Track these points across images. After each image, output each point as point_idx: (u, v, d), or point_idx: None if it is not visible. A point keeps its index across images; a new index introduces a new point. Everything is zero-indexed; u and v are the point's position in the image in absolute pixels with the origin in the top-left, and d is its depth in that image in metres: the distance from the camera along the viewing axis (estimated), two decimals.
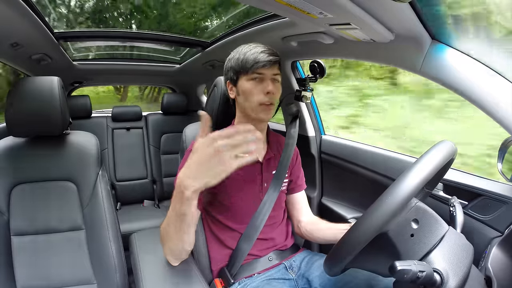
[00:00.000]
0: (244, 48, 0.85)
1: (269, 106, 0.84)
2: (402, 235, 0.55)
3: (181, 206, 0.59)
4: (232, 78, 0.87)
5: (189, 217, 0.62)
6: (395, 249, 0.55)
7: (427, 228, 0.56)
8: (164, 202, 2.22)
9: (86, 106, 2.17)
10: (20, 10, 0.92)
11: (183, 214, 0.61)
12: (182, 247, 0.72)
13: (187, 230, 0.67)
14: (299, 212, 1.01)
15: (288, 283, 0.87)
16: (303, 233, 0.99)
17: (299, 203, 1.02)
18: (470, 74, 0.74)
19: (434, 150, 0.55)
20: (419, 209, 0.57)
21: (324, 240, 0.93)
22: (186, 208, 0.60)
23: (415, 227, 0.55)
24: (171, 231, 0.67)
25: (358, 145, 1.26)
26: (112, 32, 1.76)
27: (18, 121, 0.94)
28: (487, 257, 0.67)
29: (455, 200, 0.68)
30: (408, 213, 0.55)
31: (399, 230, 0.55)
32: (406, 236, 0.55)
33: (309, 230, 0.97)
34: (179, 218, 0.63)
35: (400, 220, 0.55)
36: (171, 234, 0.68)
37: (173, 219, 0.64)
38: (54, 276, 0.93)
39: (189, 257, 0.96)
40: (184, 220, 0.63)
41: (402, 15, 0.68)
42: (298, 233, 1.02)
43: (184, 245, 0.71)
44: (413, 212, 0.56)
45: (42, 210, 0.96)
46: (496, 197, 0.79)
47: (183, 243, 0.71)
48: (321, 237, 0.94)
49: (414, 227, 0.55)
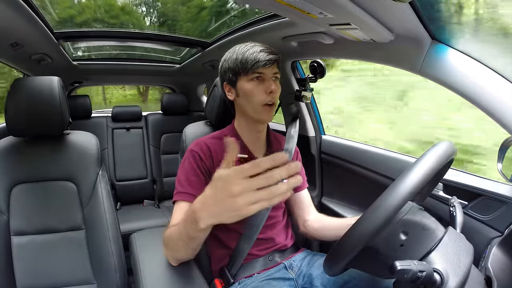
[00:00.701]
0: (241, 48, 0.83)
1: (271, 107, 0.84)
2: (391, 245, 0.55)
3: (193, 232, 0.58)
4: (230, 79, 0.85)
5: (200, 239, 0.63)
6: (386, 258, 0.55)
7: (417, 239, 0.55)
8: (164, 202, 2.22)
9: (86, 106, 2.17)
10: (20, 10, 0.92)
11: (194, 238, 0.61)
12: (186, 257, 0.74)
13: (197, 247, 0.67)
14: (304, 211, 0.99)
15: (288, 283, 0.87)
16: (310, 232, 0.96)
17: (303, 202, 1.00)
18: (470, 74, 0.74)
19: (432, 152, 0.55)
20: (406, 222, 0.56)
21: (334, 237, 0.90)
22: (199, 235, 0.60)
23: (403, 238, 0.55)
24: (178, 244, 0.67)
25: (358, 145, 1.26)
26: (112, 32, 1.76)
27: (18, 121, 0.94)
28: (487, 257, 0.67)
29: (455, 200, 0.68)
30: (395, 226, 0.55)
31: (386, 242, 0.55)
32: (395, 247, 0.55)
33: (316, 228, 0.95)
34: (191, 240, 0.63)
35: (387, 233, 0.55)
36: (178, 247, 0.68)
37: (184, 237, 0.63)
38: (54, 276, 0.93)
39: None
40: (195, 241, 0.63)
41: (402, 15, 0.68)
42: (304, 232, 0.99)
43: (189, 256, 0.73)
44: (399, 226, 0.55)
45: (42, 210, 0.96)
46: (496, 197, 0.79)
47: (189, 255, 0.72)
48: (331, 234, 0.91)
49: (402, 238, 0.55)
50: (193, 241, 0.63)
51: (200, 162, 0.84)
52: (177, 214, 0.78)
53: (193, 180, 0.82)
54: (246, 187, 0.43)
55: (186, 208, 0.78)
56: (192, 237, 0.61)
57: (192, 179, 0.82)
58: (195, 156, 0.84)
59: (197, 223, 0.53)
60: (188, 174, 0.83)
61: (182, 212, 0.77)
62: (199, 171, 0.83)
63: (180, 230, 0.64)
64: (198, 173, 0.83)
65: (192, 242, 0.64)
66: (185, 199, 0.79)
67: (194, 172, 0.83)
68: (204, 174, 0.84)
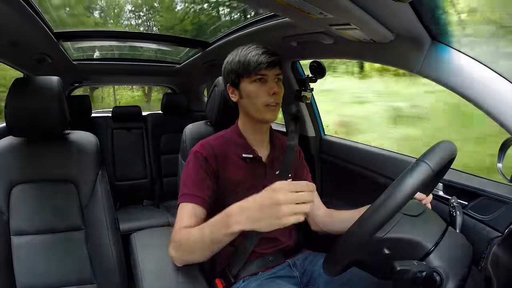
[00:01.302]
0: (243, 50, 0.84)
1: (275, 107, 0.84)
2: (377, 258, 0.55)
3: (221, 236, 0.59)
4: (233, 81, 0.86)
5: (224, 243, 0.63)
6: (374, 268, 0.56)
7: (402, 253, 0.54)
8: (164, 202, 2.22)
9: (86, 106, 2.17)
10: (20, 10, 0.92)
11: (219, 241, 0.61)
12: (200, 260, 0.72)
13: (217, 250, 0.67)
14: (313, 206, 0.99)
15: (293, 281, 0.87)
16: (321, 227, 0.97)
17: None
18: (470, 75, 0.74)
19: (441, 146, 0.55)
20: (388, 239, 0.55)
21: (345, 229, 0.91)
22: (226, 240, 0.60)
23: (387, 252, 0.55)
24: (196, 247, 0.66)
25: (358, 145, 1.26)
26: (112, 32, 1.76)
27: (18, 121, 0.94)
28: (487, 257, 0.67)
29: (455, 200, 0.68)
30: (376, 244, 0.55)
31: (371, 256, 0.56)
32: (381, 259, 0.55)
33: (327, 222, 0.96)
34: (214, 243, 0.63)
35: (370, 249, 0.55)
36: (195, 249, 0.68)
37: (207, 240, 0.63)
38: (54, 276, 0.94)
39: None
40: (218, 244, 0.63)
41: (402, 15, 0.68)
42: (314, 229, 1.00)
43: (204, 258, 0.71)
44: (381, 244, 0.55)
45: (42, 210, 0.96)
46: (496, 197, 0.79)
47: (205, 257, 0.71)
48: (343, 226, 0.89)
49: (386, 252, 0.55)
50: (217, 244, 0.63)
51: (206, 164, 0.84)
52: (185, 216, 0.77)
53: (199, 182, 0.82)
54: (292, 199, 0.51)
55: (193, 210, 0.78)
56: (217, 241, 0.61)
57: (198, 181, 0.82)
58: (200, 158, 0.84)
59: (229, 227, 0.55)
60: (193, 176, 0.83)
61: (191, 214, 0.77)
62: (205, 173, 0.83)
63: (203, 232, 0.63)
64: (204, 175, 0.83)
65: (214, 245, 0.63)
66: (192, 201, 0.79)
67: (200, 174, 0.83)
68: (210, 175, 0.84)
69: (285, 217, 0.51)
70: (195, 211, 0.78)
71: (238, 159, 0.88)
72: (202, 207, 0.80)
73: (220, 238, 0.59)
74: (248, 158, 0.88)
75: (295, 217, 0.52)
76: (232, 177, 0.86)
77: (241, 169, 0.88)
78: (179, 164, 1.10)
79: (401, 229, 0.56)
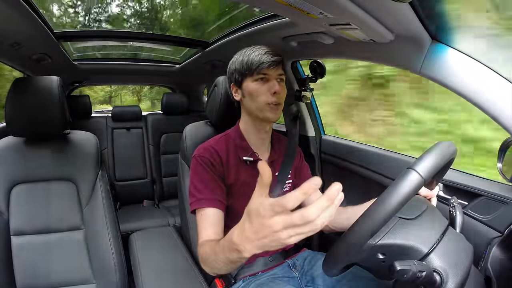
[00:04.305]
0: (247, 50, 0.85)
1: (277, 106, 0.84)
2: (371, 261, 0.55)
3: (237, 259, 0.57)
4: (236, 80, 0.87)
5: (244, 260, 0.60)
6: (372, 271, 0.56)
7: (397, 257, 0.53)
8: (164, 202, 2.22)
9: (86, 106, 2.17)
10: (20, 10, 0.92)
11: (240, 261, 0.59)
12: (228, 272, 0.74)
13: (240, 265, 0.68)
14: None
15: (292, 282, 0.87)
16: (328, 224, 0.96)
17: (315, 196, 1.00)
18: (470, 75, 0.74)
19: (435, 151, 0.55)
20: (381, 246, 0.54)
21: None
22: (241, 261, 0.59)
23: (381, 257, 0.54)
24: (218, 264, 0.65)
25: (358, 145, 1.26)
26: (112, 32, 1.76)
27: (18, 121, 0.94)
28: (487, 257, 0.67)
29: (455, 200, 0.68)
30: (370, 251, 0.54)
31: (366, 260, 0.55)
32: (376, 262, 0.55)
33: (332, 220, 0.94)
34: (233, 263, 0.61)
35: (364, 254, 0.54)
36: (218, 266, 0.66)
37: (225, 261, 0.61)
38: (54, 276, 0.94)
39: (189, 256, 0.96)
40: (238, 263, 0.62)
41: (402, 15, 0.68)
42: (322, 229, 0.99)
43: (232, 270, 0.72)
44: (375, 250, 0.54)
45: (41, 210, 0.96)
46: (496, 197, 0.79)
47: (232, 270, 0.68)
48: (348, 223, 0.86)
49: (381, 257, 0.54)
50: (236, 263, 0.61)
51: (212, 167, 0.84)
52: (205, 227, 0.77)
53: (212, 185, 0.82)
54: (287, 224, 0.42)
55: (212, 216, 0.78)
56: (235, 262, 0.59)
57: (211, 184, 0.82)
58: (208, 162, 0.84)
59: (240, 253, 0.51)
60: (204, 180, 0.83)
61: (210, 223, 0.77)
62: (215, 176, 0.84)
63: (218, 254, 0.61)
64: (215, 177, 0.83)
65: (234, 264, 0.62)
66: (210, 206, 0.79)
67: (211, 177, 0.83)
68: (219, 178, 0.84)
69: (287, 239, 0.44)
70: (214, 217, 0.79)
71: (239, 161, 0.88)
72: (220, 210, 0.80)
73: (237, 260, 0.58)
74: (248, 161, 0.89)
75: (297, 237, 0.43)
76: (236, 180, 0.87)
77: (243, 171, 0.88)
78: (179, 164, 1.10)
79: (394, 235, 0.55)
